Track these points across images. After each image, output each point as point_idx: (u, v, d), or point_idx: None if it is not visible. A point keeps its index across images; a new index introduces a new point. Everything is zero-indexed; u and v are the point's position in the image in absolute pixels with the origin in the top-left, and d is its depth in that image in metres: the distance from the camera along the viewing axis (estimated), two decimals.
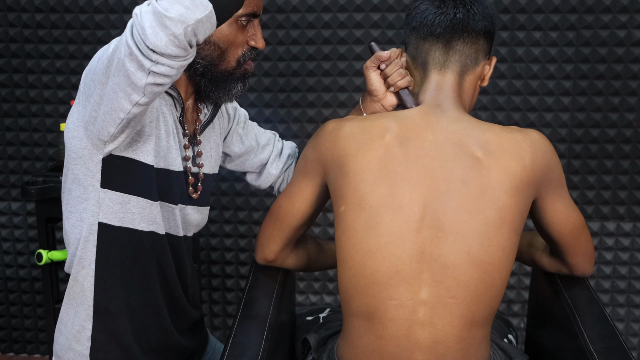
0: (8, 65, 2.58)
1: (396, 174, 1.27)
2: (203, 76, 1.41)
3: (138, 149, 1.35)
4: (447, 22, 1.34)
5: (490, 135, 1.29)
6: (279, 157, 1.70)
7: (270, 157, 1.70)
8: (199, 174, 1.51)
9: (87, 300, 1.42)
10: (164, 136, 1.40)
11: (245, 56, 1.42)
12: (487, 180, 1.26)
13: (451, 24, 1.34)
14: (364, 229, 1.27)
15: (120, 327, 1.44)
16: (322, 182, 1.41)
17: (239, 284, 2.73)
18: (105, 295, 1.42)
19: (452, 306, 1.25)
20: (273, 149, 1.70)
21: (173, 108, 1.43)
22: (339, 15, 2.45)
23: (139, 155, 1.36)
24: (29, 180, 2.05)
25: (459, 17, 1.34)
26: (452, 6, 1.35)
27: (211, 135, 1.55)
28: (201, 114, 1.51)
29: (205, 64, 1.40)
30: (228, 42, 1.39)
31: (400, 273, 1.25)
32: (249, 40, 1.42)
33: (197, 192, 1.50)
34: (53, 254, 2.03)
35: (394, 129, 1.31)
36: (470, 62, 1.37)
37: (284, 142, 1.74)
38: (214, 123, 1.56)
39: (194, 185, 1.49)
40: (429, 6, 1.37)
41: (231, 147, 1.66)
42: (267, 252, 1.51)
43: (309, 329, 1.62)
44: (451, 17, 1.34)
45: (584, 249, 1.45)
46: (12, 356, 2.85)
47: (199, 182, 1.51)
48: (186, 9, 1.10)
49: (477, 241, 1.24)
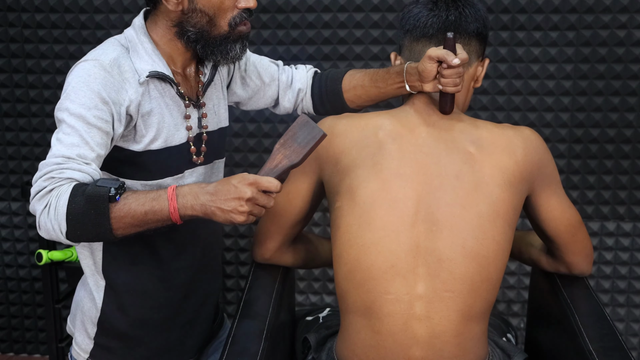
0: (8, 65, 2.58)
1: (390, 170, 1.29)
2: (197, 42, 1.42)
3: (130, 141, 1.40)
4: (439, 24, 1.37)
5: (483, 131, 1.32)
6: (289, 88, 1.67)
7: (280, 92, 1.67)
8: (202, 135, 1.50)
9: (99, 273, 1.49)
10: (167, 119, 1.43)
11: (236, 19, 1.41)
12: (480, 175, 1.28)
13: (444, 26, 1.37)
14: (358, 224, 1.29)
15: (132, 302, 1.50)
16: (318, 179, 1.43)
17: (239, 284, 2.73)
18: (113, 269, 1.47)
19: (448, 300, 1.25)
20: (279, 84, 1.67)
21: (168, 87, 1.44)
22: (339, 15, 2.45)
23: (130, 145, 1.40)
24: (29, 180, 2.05)
25: (451, 18, 1.37)
26: (445, 8, 1.38)
27: (213, 93, 1.54)
28: (201, 75, 1.51)
29: (196, 31, 1.41)
30: (214, 8, 1.40)
31: (395, 267, 1.26)
32: (237, 3, 1.41)
33: (201, 155, 1.50)
34: (53, 254, 2.03)
35: (388, 126, 1.34)
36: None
37: (294, 71, 1.69)
38: (215, 80, 1.55)
39: (197, 153, 1.49)
40: (421, 9, 1.39)
41: (237, 92, 1.65)
42: (264, 250, 1.52)
43: (309, 329, 1.62)
44: (443, 19, 1.37)
45: (582, 247, 1.46)
46: (12, 356, 2.85)
47: (202, 144, 1.50)
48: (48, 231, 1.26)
49: (472, 235, 1.26)
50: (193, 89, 1.49)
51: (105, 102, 1.32)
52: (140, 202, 1.25)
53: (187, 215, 1.25)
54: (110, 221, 1.24)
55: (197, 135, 1.49)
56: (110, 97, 1.33)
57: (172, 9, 1.40)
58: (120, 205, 1.24)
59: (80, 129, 1.30)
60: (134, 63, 1.40)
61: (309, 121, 1.25)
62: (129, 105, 1.37)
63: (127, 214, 1.24)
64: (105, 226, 1.24)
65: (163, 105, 1.43)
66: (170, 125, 1.44)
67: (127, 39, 1.44)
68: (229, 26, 1.41)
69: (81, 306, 1.54)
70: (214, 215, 1.23)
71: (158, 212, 1.24)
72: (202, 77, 1.51)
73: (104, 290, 1.50)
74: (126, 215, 1.24)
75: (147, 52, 1.42)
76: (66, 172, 1.26)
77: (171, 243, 1.51)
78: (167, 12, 1.42)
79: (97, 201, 1.22)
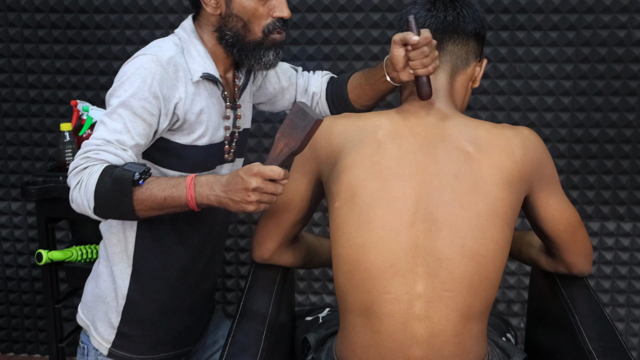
0: (8, 65, 2.58)
1: (388, 170, 1.30)
2: (234, 46, 1.51)
3: (179, 134, 1.49)
4: (437, 24, 1.38)
5: (481, 131, 1.32)
6: (304, 94, 1.76)
7: (296, 96, 1.76)
8: (235, 135, 1.59)
9: (127, 260, 1.55)
10: (214, 118, 1.52)
11: (269, 26, 1.49)
12: (478, 174, 1.28)
13: (442, 26, 1.38)
14: (358, 224, 1.29)
15: (156, 288, 1.57)
16: (317, 178, 1.43)
17: (239, 284, 2.73)
18: (143, 256, 1.55)
19: (447, 299, 1.25)
20: (296, 88, 1.76)
21: (215, 89, 1.53)
22: (338, 15, 2.45)
23: (177, 138, 1.49)
24: (29, 180, 2.05)
25: (449, 19, 1.38)
26: (443, 9, 1.39)
27: (245, 96, 1.64)
28: (237, 79, 1.60)
29: (232, 35, 1.50)
30: (249, 14, 1.48)
31: (394, 267, 1.26)
32: (271, 11, 1.48)
33: (231, 153, 1.60)
34: (53, 254, 2.03)
35: (387, 126, 1.34)
36: (461, 63, 1.40)
37: (310, 76, 1.77)
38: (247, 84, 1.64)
39: (228, 151, 1.59)
40: (419, 10, 1.41)
41: (258, 95, 1.74)
42: (264, 250, 1.53)
43: (308, 329, 1.62)
44: (442, 20, 1.38)
45: (581, 247, 1.46)
46: (12, 356, 2.85)
47: (234, 142, 1.59)
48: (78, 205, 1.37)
49: (471, 234, 1.26)
50: (231, 92, 1.58)
51: (155, 97, 1.41)
52: (161, 187, 1.34)
53: (203, 204, 1.33)
54: (132, 203, 1.33)
55: (231, 134, 1.57)
56: (162, 92, 1.42)
57: (211, 12, 1.49)
58: (142, 189, 1.33)
59: (126, 118, 1.39)
60: (188, 63, 1.48)
61: (303, 109, 1.28)
62: (177, 103, 1.45)
63: (149, 197, 1.33)
64: (128, 207, 1.33)
65: (210, 105, 1.52)
66: (215, 124, 1.53)
67: (181, 40, 1.52)
68: (263, 33, 1.49)
69: (103, 298, 1.60)
70: (227, 205, 1.31)
71: (176, 199, 1.33)
72: (238, 81, 1.60)
73: (130, 277, 1.57)
74: (147, 199, 1.33)
75: (199, 54, 1.51)
76: (102, 154, 1.36)
77: (200, 234, 1.60)
78: (208, 16, 1.51)
79: (122, 183, 1.31)
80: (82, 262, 2.10)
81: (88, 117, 2.16)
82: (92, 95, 2.59)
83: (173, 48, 1.49)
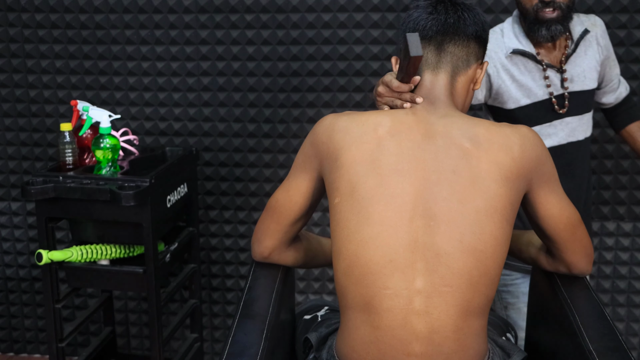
0: (8, 65, 2.58)
1: (388, 166, 1.31)
2: (525, 22, 1.87)
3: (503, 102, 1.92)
4: (438, 26, 1.40)
5: (480, 129, 1.34)
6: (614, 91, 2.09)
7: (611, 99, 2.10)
8: (564, 94, 1.91)
9: None
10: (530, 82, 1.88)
11: (535, 6, 1.83)
12: (477, 170, 1.29)
13: (443, 27, 1.40)
14: (357, 220, 1.29)
15: None
16: (318, 175, 1.44)
17: (239, 284, 2.73)
18: None
19: (447, 295, 1.26)
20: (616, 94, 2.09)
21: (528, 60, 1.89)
22: (339, 15, 2.45)
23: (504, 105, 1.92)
24: (29, 180, 2.05)
25: (450, 21, 1.40)
26: (444, 12, 1.41)
27: (576, 61, 1.93)
28: (568, 48, 1.93)
29: (522, 14, 1.88)
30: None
31: (394, 262, 1.27)
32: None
33: (564, 108, 1.91)
34: (53, 254, 2.03)
35: (387, 123, 1.36)
36: (461, 64, 1.42)
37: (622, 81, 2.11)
38: (579, 52, 1.93)
39: (559, 104, 1.91)
40: (421, 13, 1.43)
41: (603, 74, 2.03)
42: (263, 248, 1.52)
43: (307, 327, 1.62)
44: (443, 21, 1.40)
45: (581, 246, 1.46)
46: (12, 356, 2.85)
47: (565, 100, 1.91)
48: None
49: (469, 229, 1.26)
50: (556, 58, 1.91)
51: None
52: None
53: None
54: None
55: (560, 95, 1.90)
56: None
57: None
58: None
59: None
60: (505, 42, 1.90)
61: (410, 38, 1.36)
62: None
63: None
64: None
65: (526, 72, 1.88)
66: (533, 87, 1.89)
67: (503, 25, 1.94)
68: (533, 11, 1.83)
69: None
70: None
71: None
72: (568, 49, 1.92)
73: None
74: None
75: (514, 34, 1.91)
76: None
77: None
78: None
79: None
80: (82, 262, 2.10)
81: (88, 117, 2.16)
82: (92, 95, 2.60)
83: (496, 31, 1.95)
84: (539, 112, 1.92)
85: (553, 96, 1.90)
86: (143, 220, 2.04)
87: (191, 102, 2.58)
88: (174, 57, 2.54)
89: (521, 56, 1.89)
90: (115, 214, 2.04)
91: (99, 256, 2.12)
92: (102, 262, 2.14)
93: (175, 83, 2.57)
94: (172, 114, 2.60)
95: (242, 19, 2.49)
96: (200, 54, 2.53)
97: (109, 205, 2.01)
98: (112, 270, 2.13)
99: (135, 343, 2.84)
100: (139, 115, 2.61)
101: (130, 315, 2.80)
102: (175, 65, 2.55)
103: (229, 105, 2.57)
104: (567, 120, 1.93)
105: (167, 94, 2.58)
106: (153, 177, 2.04)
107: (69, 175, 2.06)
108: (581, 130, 1.97)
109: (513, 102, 1.92)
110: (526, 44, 1.89)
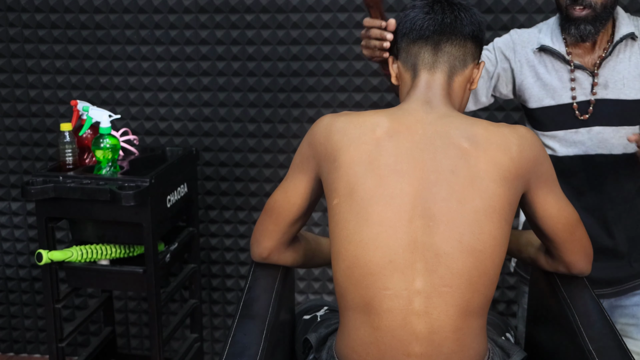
0: (8, 65, 2.58)
1: (386, 166, 1.31)
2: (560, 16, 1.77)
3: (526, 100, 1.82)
4: (435, 26, 1.41)
5: (478, 129, 1.34)
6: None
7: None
8: (590, 100, 1.76)
9: None
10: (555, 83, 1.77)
11: (565, 2, 1.71)
12: (475, 170, 1.29)
13: (440, 27, 1.41)
14: (356, 220, 1.29)
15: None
16: (316, 176, 1.43)
17: (239, 284, 2.73)
18: None
19: (446, 295, 1.26)
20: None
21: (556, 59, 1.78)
22: (338, 15, 2.45)
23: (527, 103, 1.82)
24: (29, 180, 2.05)
25: (447, 21, 1.41)
26: (441, 12, 1.42)
27: (615, 66, 1.76)
28: (606, 50, 1.76)
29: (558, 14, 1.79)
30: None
31: (393, 262, 1.27)
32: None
33: (586, 114, 1.76)
34: (53, 254, 2.03)
35: (385, 123, 1.35)
36: (458, 64, 1.42)
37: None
38: (621, 57, 1.76)
39: (580, 109, 1.76)
40: (418, 13, 1.44)
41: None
42: (262, 249, 1.52)
43: (307, 327, 1.62)
44: (439, 21, 1.41)
45: (580, 246, 1.46)
46: (12, 356, 2.85)
47: (590, 106, 1.76)
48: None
49: (468, 229, 1.26)
50: (592, 60, 1.77)
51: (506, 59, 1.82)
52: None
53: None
54: None
55: (586, 100, 1.75)
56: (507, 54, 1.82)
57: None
58: None
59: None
60: (539, 38, 1.80)
61: None
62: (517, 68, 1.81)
63: None
64: None
65: (553, 72, 1.77)
66: (558, 88, 1.76)
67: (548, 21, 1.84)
68: (564, 9, 1.72)
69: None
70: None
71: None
72: (605, 52, 1.76)
73: None
74: None
75: (551, 31, 1.79)
76: None
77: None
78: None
79: None
80: (82, 262, 2.11)
81: (88, 117, 2.16)
82: (92, 95, 2.60)
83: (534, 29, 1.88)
84: (563, 116, 1.78)
85: (575, 100, 1.75)
86: (143, 220, 2.04)
87: (191, 102, 2.58)
88: (174, 57, 2.55)
89: (550, 54, 1.77)
90: (115, 214, 2.05)
91: (99, 256, 2.12)
92: (102, 262, 2.14)
93: (175, 83, 2.57)
94: (172, 114, 2.60)
95: (242, 19, 2.49)
96: (200, 54, 2.53)
97: (109, 205, 2.01)
98: (112, 270, 2.13)
99: (135, 343, 2.84)
100: (139, 115, 2.61)
101: (130, 315, 2.80)
102: (175, 65, 2.55)
103: (229, 105, 2.57)
104: (596, 129, 1.76)
105: (167, 94, 2.58)
106: (153, 177, 2.04)
107: (69, 175, 2.06)
108: (618, 144, 1.76)
109: (535, 102, 1.80)
110: (557, 42, 1.77)
